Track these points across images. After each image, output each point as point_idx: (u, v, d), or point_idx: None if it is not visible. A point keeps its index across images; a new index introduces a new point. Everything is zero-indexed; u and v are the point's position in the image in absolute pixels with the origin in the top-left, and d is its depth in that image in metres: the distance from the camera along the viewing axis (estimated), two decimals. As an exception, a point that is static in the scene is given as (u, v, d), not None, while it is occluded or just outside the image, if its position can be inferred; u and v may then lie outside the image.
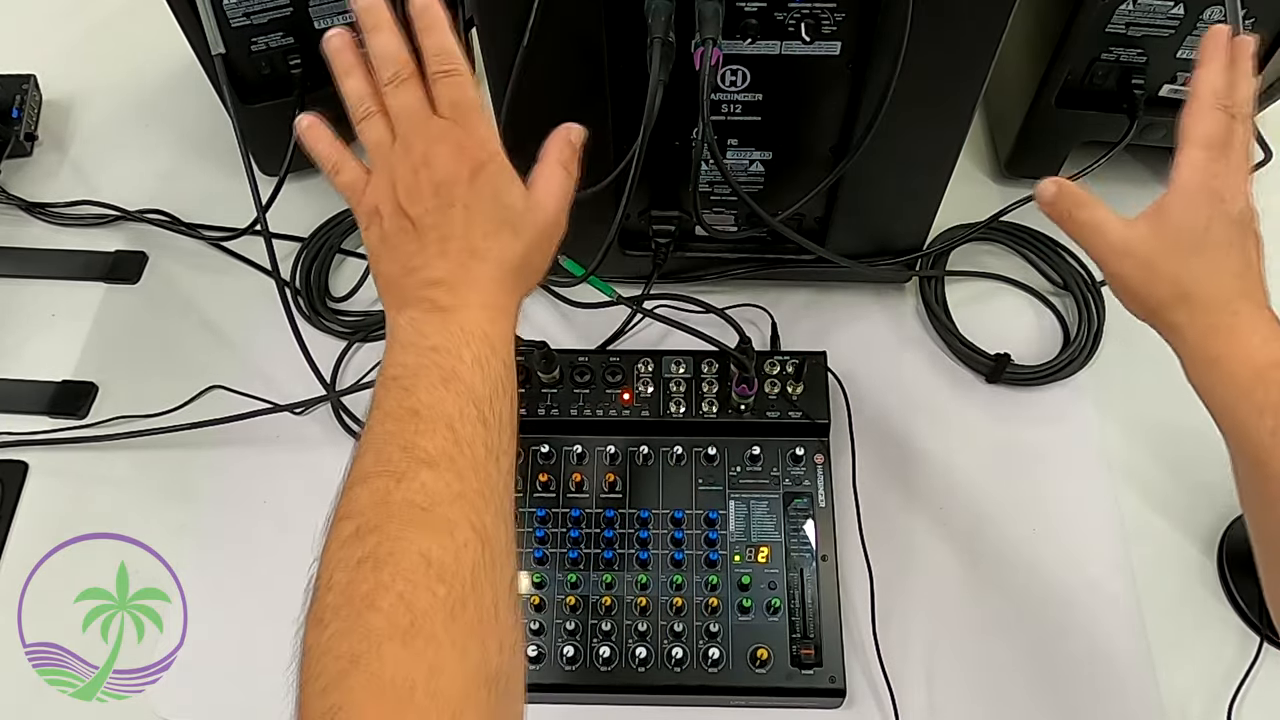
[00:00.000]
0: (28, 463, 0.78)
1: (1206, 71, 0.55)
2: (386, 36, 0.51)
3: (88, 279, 0.88)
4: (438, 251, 0.50)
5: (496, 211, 0.51)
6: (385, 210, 0.51)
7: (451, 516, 0.43)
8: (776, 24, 0.61)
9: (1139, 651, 0.69)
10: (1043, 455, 0.77)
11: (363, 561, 0.42)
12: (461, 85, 0.51)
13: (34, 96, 0.96)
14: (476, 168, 0.50)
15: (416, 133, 0.50)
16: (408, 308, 0.50)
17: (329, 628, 0.42)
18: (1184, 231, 0.53)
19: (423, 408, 0.46)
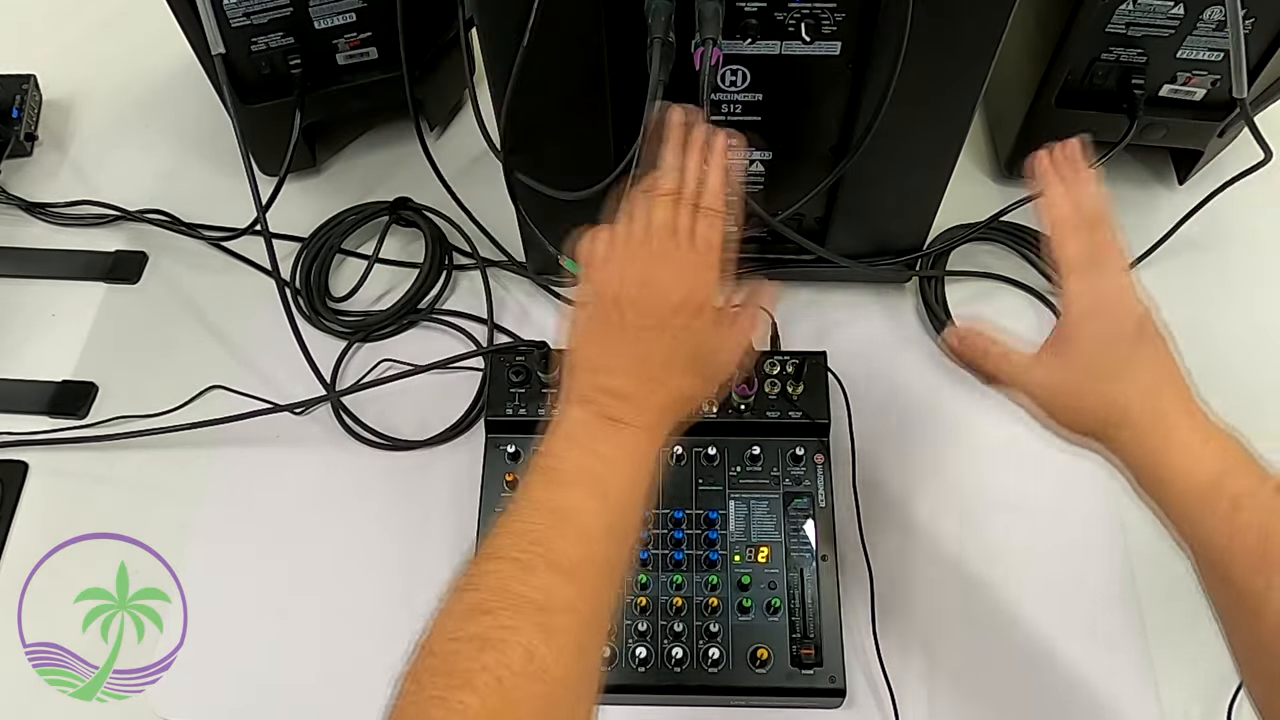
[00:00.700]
0: (28, 463, 0.78)
1: (1047, 201, 0.55)
2: (693, 160, 0.54)
3: (88, 279, 0.88)
4: (630, 367, 0.52)
5: (695, 353, 0.53)
6: (605, 298, 0.53)
7: (562, 623, 0.45)
8: (776, 24, 0.61)
9: (1139, 651, 0.69)
10: (1042, 456, 0.76)
11: (473, 639, 0.43)
12: (717, 228, 0.54)
13: (34, 96, 0.96)
14: (697, 309, 0.52)
15: (665, 249, 0.53)
16: (585, 403, 0.52)
17: (425, 689, 0.43)
18: (1090, 363, 0.53)
19: (567, 510, 0.48)
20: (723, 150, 0.55)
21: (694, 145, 0.55)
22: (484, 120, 0.71)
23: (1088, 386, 0.53)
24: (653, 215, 0.53)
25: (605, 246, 0.54)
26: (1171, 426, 0.51)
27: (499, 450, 0.74)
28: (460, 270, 0.87)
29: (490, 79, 0.64)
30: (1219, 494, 0.49)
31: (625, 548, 0.50)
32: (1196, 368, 0.80)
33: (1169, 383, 0.53)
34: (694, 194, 0.54)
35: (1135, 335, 0.53)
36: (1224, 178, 0.80)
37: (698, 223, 0.53)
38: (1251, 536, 0.48)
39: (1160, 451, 0.51)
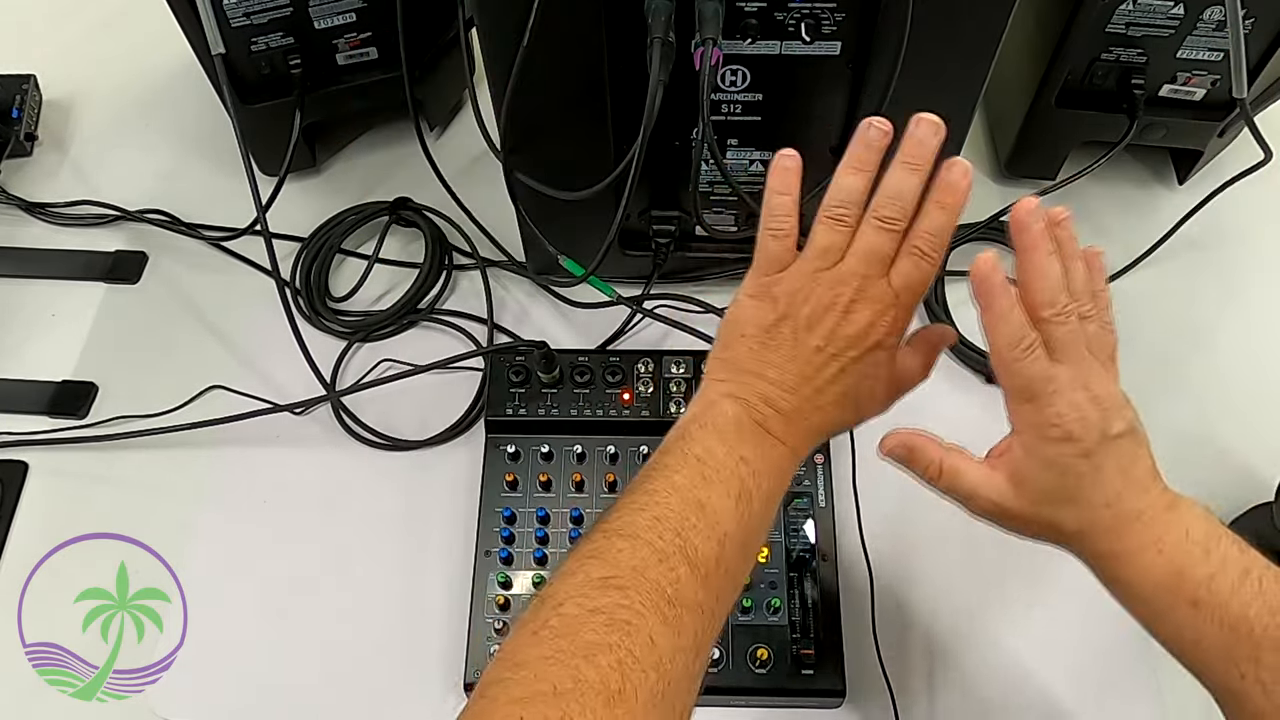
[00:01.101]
0: (28, 463, 0.78)
1: (989, 323, 0.49)
2: (915, 183, 0.49)
3: (88, 279, 0.88)
4: (794, 385, 0.50)
5: (859, 389, 0.51)
6: (780, 307, 0.51)
7: (686, 619, 0.44)
8: (776, 24, 0.61)
9: (1139, 652, 0.69)
10: (1043, 455, 0.76)
11: (599, 611, 0.43)
12: (927, 276, 0.50)
13: (34, 96, 0.96)
14: (876, 346, 0.50)
15: (861, 278, 0.50)
16: (738, 402, 0.50)
17: (544, 646, 0.42)
18: (1042, 490, 0.50)
19: (710, 507, 0.47)
20: (963, 191, 0.49)
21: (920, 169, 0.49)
22: (484, 120, 0.71)
23: (1041, 511, 0.50)
24: (864, 240, 0.50)
25: (791, 251, 0.51)
26: (1122, 540, 0.49)
27: (499, 450, 0.74)
28: (460, 270, 0.87)
29: (490, 79, 0.64)
30: (1177, 596, 0.47)
31: (751, 559, 0.50)
32: (1197, 367, 0.81)
33: (1127, 485, 0.49)
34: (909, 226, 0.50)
35: (1092, 453, 0.48)
36: (1224, 178, 0.80)
37: (904, 263, 0.50)
38: (1214, 632, 0.46)
39: (1117, 559, 0.49)
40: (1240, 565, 0.47)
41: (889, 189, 0.50)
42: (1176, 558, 0.48)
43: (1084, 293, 0.50)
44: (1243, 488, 0.74)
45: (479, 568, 0.70)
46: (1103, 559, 0.50)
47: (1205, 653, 0.47)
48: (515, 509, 0.72)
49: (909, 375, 0.55)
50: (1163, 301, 0.84)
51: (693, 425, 0.50)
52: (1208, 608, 0.46)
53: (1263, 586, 0.46)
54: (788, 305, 0.50)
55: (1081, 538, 0.50)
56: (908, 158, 0.50)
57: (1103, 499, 0.49)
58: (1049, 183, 0.84)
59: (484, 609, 0.68)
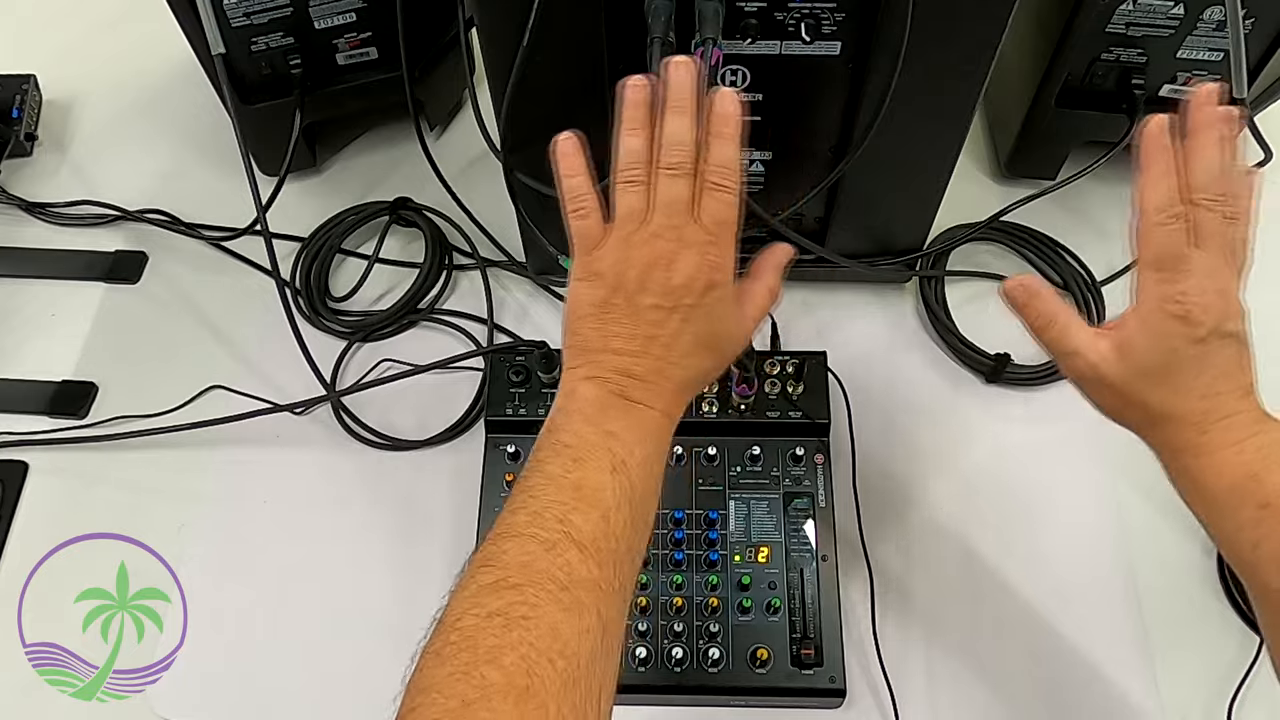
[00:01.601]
0: (28, 463, 0.78)
1: (1143, 183, 0.51)
2: (686, 124, 0.50)
3: (88, 279, 0.88)
4: (642, 348, 0.50)
5: (708, 332, 0.51)
6: (608, 280, 0.51)
7: (584, 600, 0.44)
8: (776, 24, 0.61)
9: (1139, 651, 0.69)
10: (1043, 455, 0.77)
11: (494, 615, 0.43)
12: (730, 205, 0.50)
13: (34, 96, 0.96)
14: (709, 287, 0.50)
15: (671, 229, 0.50)
16: (594, 381, 0.50)
17: (447, 665, 0.43)
18: (1149, 361, 0.51)
19: (586, 487, 0.47)
20: (734, 117, 0.50)
21: (687, 110, 0.50)
22: (484, 120, 0.71)
23: (1136, 385, 0.51)
24: (658, 191, 0.50)
25: (600, 223, 0.52)
26: (1205, 435, 0.50)
27: (499, 450, 0.74)
28: (460, 270, 0.87)
29: (490, 79, 0.64)
30: (1248, 497, 0.48)
31: (643, 528, 0.49)
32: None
33: (1226, 384, 0.50)
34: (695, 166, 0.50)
35: (1204, 341, 0.49)
36: (1224, 178, 0.80)
37: (706, 199, 0.50)
38: (1277, 539, 0.47)
39: (1195, 451, 0.50)
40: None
41: (666, 137, 0.50)
42: (1254, 462, 0.48)
43: (1237, 196, 0.51)
44: (1243, 488, 0.74)
45: (479, 568, 0.70)
46: (1180, 451, 0.50)
47: (1263, 557, 0.47)
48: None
49: (758, 300, 0.55)
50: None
51: (558, 416, 0.50)
52: (1274, 512, 0.47)
53: None
54: (614, 276, 0.50)
55: (1166, 424, 0.51)
56: (672, 103, 0.50)
57: (1199, 390, 0.50)
58: (1049, 182, 0.84)
59: (484, 609, 0.68)
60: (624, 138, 0.51)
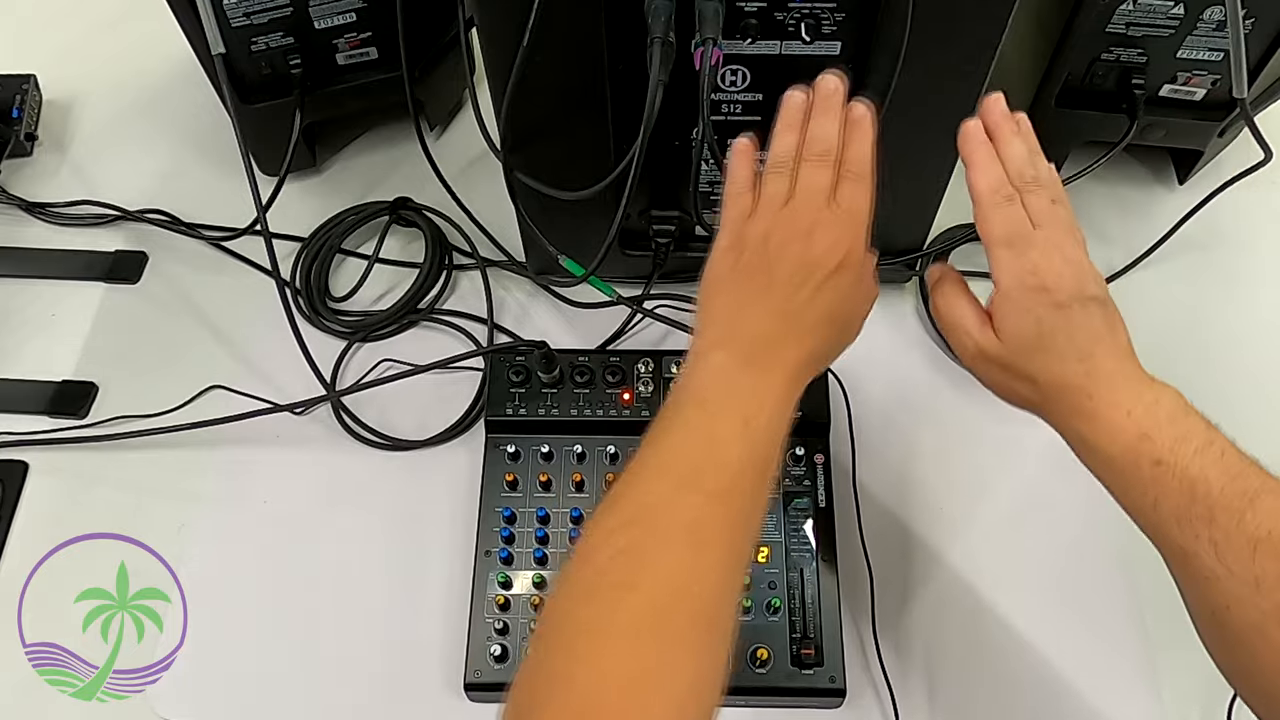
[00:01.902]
0: (28, 463, 0.78)
1: (973, 172, 0.55)
2: (832, 123, 0.55)
3: (88, 279, 0.88)
4: (775, 315, 0.53)
5: (838, 308, 0.54)
6: (750, 247, 0.54)
7: (711, 542, 0.46)
8: (776, 24, 0.61)
9: (1139, 652, 0.69)
10: (1042, 455, 0.76)
11: (621, 554, 0.46)
12: (864, 194, 0.54)
13: (34, 96, 0.96)
14: (841, 265, 0.53)
15: (812, 208, 0.54)
16: (725, 349, 0.52)
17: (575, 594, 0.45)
18: (1021, 336, 0.53)
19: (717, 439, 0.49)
20: (869, 121, 0.55)
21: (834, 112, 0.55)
22: (484, 120, 0.71)
23: (1016, 359, 0.53)
24: (801, 177, 0.54)
25: (750, 207, 0.55)
26: (1091, 399, 0.51)
27: (499, 450, 0.74)
28: (460, 270, 0.87)
29: (490, 79, 0.64)
30: (1142, 456, 0.50)
31: (766, 486, 0.51)
32: (1196, 367, 0.80)
33: (1100, 346, 0.52)
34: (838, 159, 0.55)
35: (1065, 306, 0.52)
36: (1224, 178, 0.80)
37: (843, 187, 0.54)
38: (1173, 492, 0.48)
39: (1088, 416, 0.52)
40: (1205, 437, 0.49)
41: (811, 133, 0.55)
42: (1144, 422, 0.50)
43: (1054, 182, 0.56)
44: (1243, 488, 0.74)
45: (479, 568, 0.70)
46: (1072, 418, 0.52)
47: (1163, 514, 0.49)
48: (515, 509, 0.72)
49: (872, 292, 0.59)
50: (1163, 302, 0.84)
51: (689, 376, 0.53)
52: (1169, 468, 0.49)
53: (1224, 455, 0.49)
54: (756, 244, 0.54)
55: (1054, 393, 0.53)
56: (820, 107, 0.56)
57: (1075, 353, 0.52)
58: (1049, 183, 0.84)
59: (484, 609, 0.68)
60: (778, 135, 0.56)
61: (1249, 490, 0.47)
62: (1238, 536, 0.46)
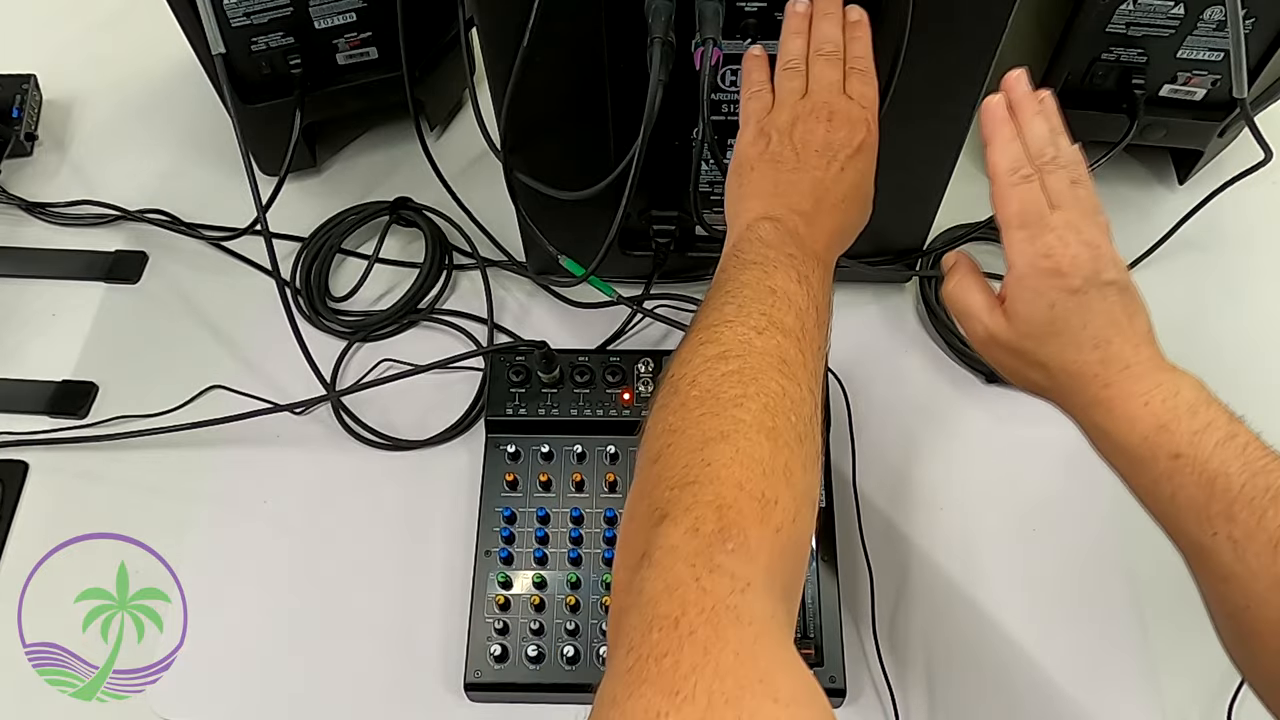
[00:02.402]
0: (28, 463, 0.78)
1: (992, 151, 0.55)
2: (835, 26, 0.58)
3: (88, 279, 0.88)
4: (809, 190, 0.56)
5: (859, 185, 0.57)
6: (775, 136, 0.57)
7: (799, 375, 0.48)
8: (776, 24, 0.61)
9: (1139, 652, 0.69)
10: (1042, 455, 0.77)
11: (729, 374, 0.47)
12: (871, 83, 0.58)
13: (34, 96, 0.96)
14: (863, 146, 0.57)
15: (829, 96, 0.57)
16: (769, 220, 0.55)
17: (694, 411, 0.46)
18: (1033, 320, 0.52)
19: (779, 291, 0.51)
20: (865, 23, 0.59)
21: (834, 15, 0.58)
22: (484, 120, 0.71)
23: (1028, 345, 0.53)
24: (813, 73, 0.58)
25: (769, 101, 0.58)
26: (1108, 388, 0.50)
27: (499, 450, 0.74)
28: (460, 270, 0.87)
29: (490, 79, 0.64)
30: (1159, 448, 0.48)
31: (824, 334, 0.52)
32: (1197, 367, 0.80)
33: (1116, 333, 0.51)
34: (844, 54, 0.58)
35: (1081, 291, 0.51)
36: (1224, 178, 0.80)
37: (852, 79, 0.57)
38: (1192, 486, 0.47)
39: (1105, 407, 0.50)
40: (1227, 429, 0.48)
41: (820, 36, 0.59)
42: (1162, 413, 0.49)
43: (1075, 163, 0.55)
44: (1243, 488, 0.74)
45: (479, 567, 0.70)
46: (1088, 407, 0.51)
47: (1180, 508, 0.48)
48: (515, 509, 0.72)
49: None
50: (1163, 301, 0.83)
51: (740, 244, 0.54)
52: (1188, 461, 0.47)
53: (1246, 449, 0.47)
54: (781, 131, 0.57)
55: (1069, 382, 0.52)
56: (821, 10, 0.59)
57: (1089, 340, 0.51)
58: (1049, 183, 0.84)
59: (484, 609, 0.68)
60: (786, 39, 0.59)
61: (1272, 486, 0.46)
62: (1259, 535, 0.45)
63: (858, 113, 0.57)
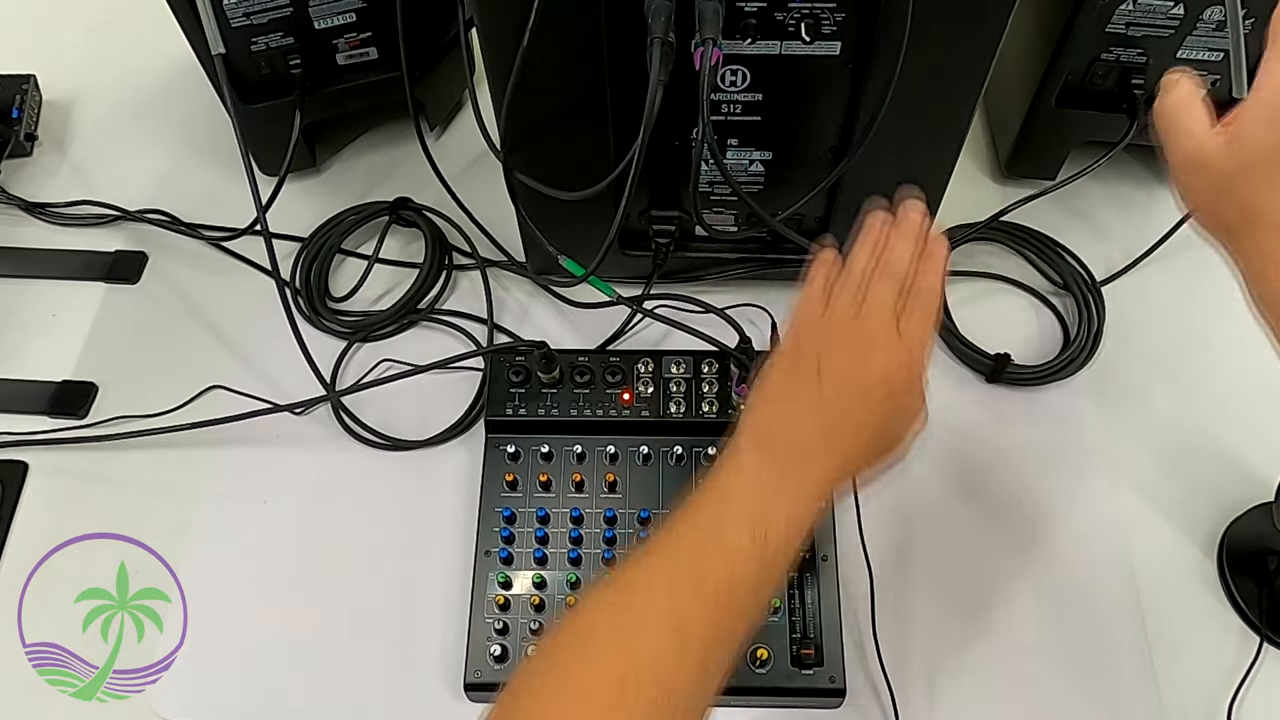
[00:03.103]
0: (28, 463, 0.78)
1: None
2: (909, 248, 0.55)
3: (88, 279, 0.88)
4: (817, 429, 0.52)
5: (883, 434, 0.53)
6: (805, 361, 0.54)
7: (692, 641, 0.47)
8: (776, 24, 0.61)
9: (1139, 651, 0.69)
10: (1043, 455, 0.77)
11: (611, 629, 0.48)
12: (928, 320, 0.54)
13: (34, 96, 0.96)
14: (896, 392, 0.53)
15: (875, 328, 0.53)
16: (763, 450, 0.52)
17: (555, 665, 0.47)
18: (1257, 150, 0.49)
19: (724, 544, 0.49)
20: (945, 256, 0.56)
21: (913, 237, 0.55)
22: (484, 120, 0.71)
23: (1239, 176, 0.50)
24: (870, 291, 0.54)
25: (820, 309, 0.55)
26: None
27: (499, 450, 0.74)
28: (460, 270, 0.87)
29: (490, 79, 0.64)
30: None
31: (763, 602, 0.51)
32: (1197, 367, 0.81)
33: None
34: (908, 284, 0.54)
35: None
36: (1224, 178, 0.80)
37: (910, 314, 0.54)
38: None
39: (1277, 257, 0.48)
40: None
41: (888, 253, 0.55)
42: None
43: None
44: (1243, 488, 0.74)
45: (479, 568, 0.70)
46: (1269, 258, 0.49)
47: None
48: (515, 509, 0.72)
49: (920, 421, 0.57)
50: (1163, 301, 0.84)
51: (718, 472, 0.52)
52: None
53: None
54: (815, 354, 0.54)
55: (1257, 226, 0.49)
56: (901, 229, 0.56)
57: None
58: (1049, 182, 0.84)
59: (484, 609, 0.68)
60: (856, 250, 0.56)
61: None
62: None
63: (900, 357, 0.53)
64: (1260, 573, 0.70)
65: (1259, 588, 0.70)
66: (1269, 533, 0.67)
